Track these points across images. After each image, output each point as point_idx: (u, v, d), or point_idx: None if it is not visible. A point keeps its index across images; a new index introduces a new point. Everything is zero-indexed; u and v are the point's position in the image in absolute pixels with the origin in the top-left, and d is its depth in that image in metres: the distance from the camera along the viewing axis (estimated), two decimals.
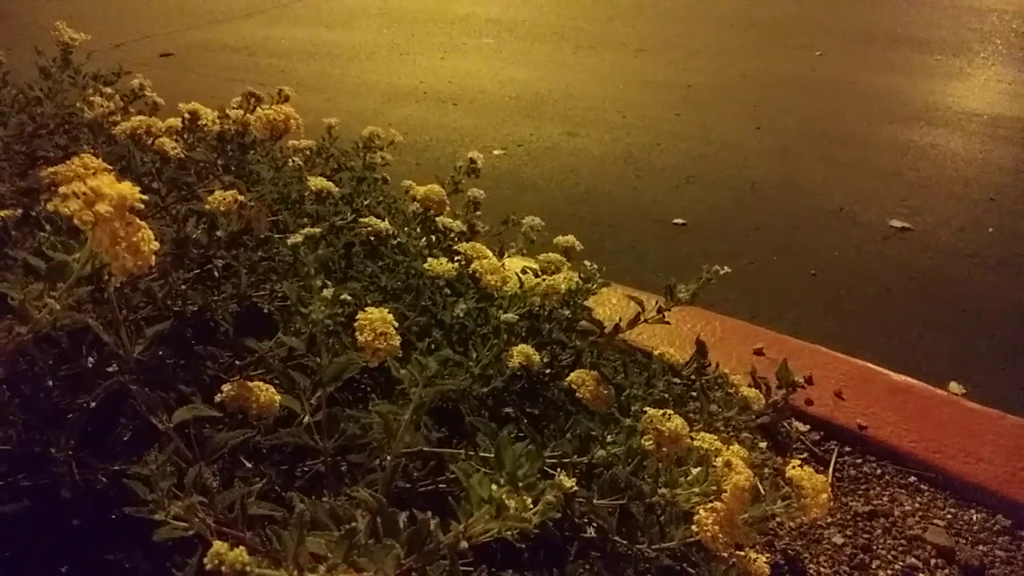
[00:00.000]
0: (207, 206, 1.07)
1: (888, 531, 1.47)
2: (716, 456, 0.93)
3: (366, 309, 0.91)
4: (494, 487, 0.57)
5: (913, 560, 1.40)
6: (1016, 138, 4.74)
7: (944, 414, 1.72)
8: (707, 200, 3.73)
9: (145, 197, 0.60)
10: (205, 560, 0.48)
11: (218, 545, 0.47)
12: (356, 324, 0.89)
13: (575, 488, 0.71)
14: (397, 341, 0.89)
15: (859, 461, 1.64)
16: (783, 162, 4.27)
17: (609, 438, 0.98)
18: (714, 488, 0.88)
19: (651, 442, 0.92)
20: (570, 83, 5.66)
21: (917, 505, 1.53)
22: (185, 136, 1.39)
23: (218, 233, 1.10)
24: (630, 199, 3.72)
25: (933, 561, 1.41)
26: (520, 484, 0.57)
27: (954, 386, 2.17)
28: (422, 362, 0.79)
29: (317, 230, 0.97)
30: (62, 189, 0.56)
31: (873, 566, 1.39)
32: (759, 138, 4.66)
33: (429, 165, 3.88)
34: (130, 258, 0.58)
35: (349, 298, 0.92)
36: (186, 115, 1.39)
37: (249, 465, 1.01)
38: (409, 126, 4.56)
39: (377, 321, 0.89)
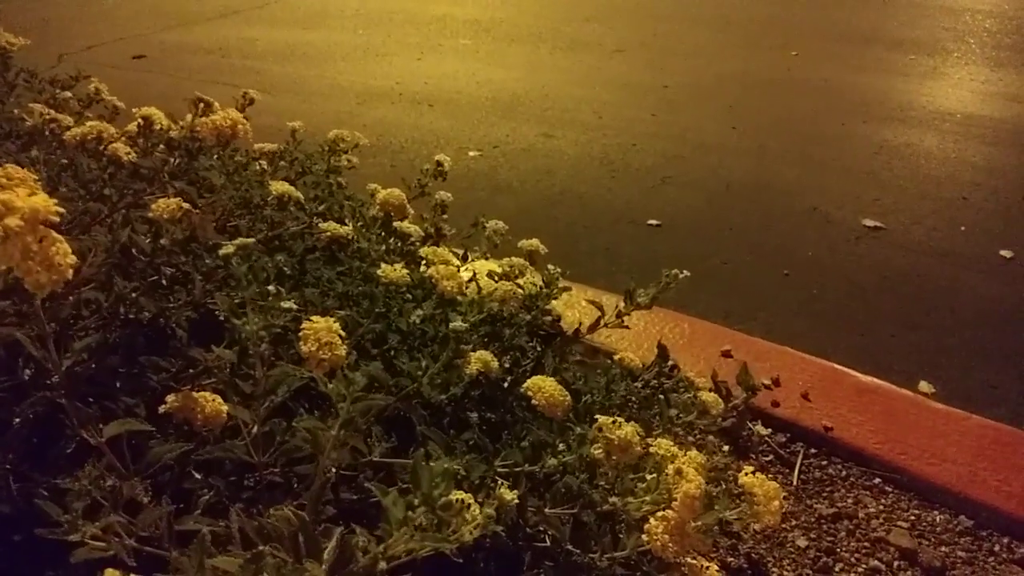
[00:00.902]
0: (151, 214, 1.05)
1: (852, 533, 1.46)
2: (670, 463, 0.92)
3: (312, 318, 0.89)
4: (410, 509, 0.56)
5: (876, 563, 1.40)
6: (988, 137, 4.78)
7: (910, 415, 1.73)
8: (682, 201, 3.74)
9: (62, 210, 0.58)
10: None
11: (109, 572, 0.46)
12: (300, 334, 0.87)
13: (515, 501, 0.70)
14: (343, 351, 0.87)
15: (824, 463, 1.63)
16: (758, 162, 4.28)
17: (561, 446, 0.97)
18: (665, 496, 0.87)
19: (601, 450, 0.91)
20: (547, 84, 5.66)
21: (881, 507, 1.52)
22: (139, 142, 1.36)
23: (162, 241, 1.08)
24: (605, 200, 3.72)
25: (896, 563, 1.40)
26: (436, 505, 0.56)
27: (924, 385, 2.17)
28: (350, 376, 0.78)
29: (251, 240, 0.95)
30: None
31: (836, 569, 1.39)
32: (735, 138, 4.68)
33: (404, 167, 3.86)
34: (44, 273, 0.56)
35: (293, 306, 0.91)
36: (140, 120, 1.36)
37: (198, 476, 0.99)
38: (384, 128, 4.54)
39: (322, 331, 0.87)
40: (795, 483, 1.58)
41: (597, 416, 0.93)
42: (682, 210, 3.62)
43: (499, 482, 0.70)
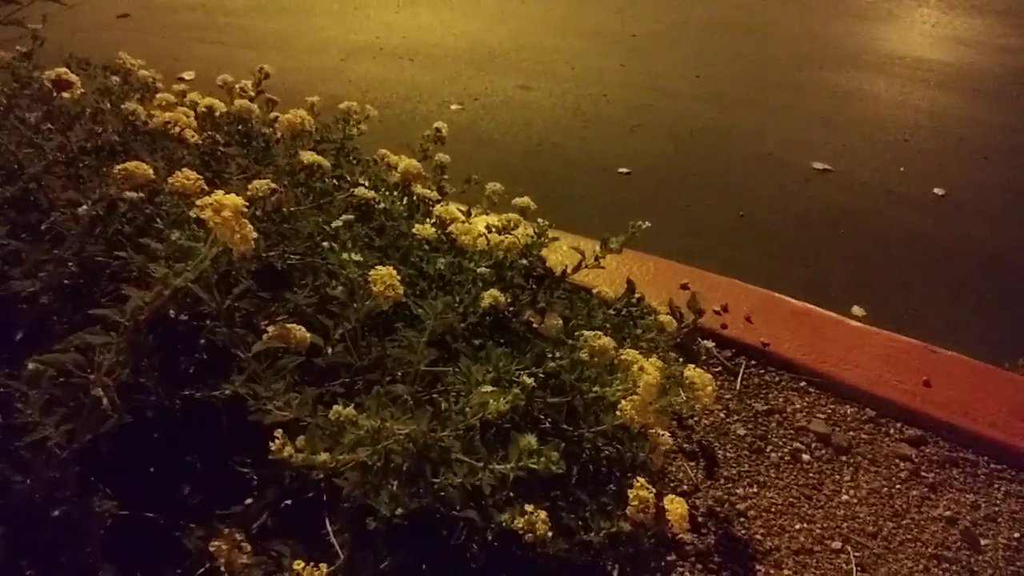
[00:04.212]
0: (249, 192, 1.38)
1: (781, 424, 1.85)
2: (635, 364, 1.29)
3: (375, 268, 1.24)
4: (486, 375, 0.91)
5: (798, 444, 1.80)
6: (932, 80, 5.14)
7: (831, 332, 2.11)
8: (650, 148, 4.06)
9: (244, 204, 0.92)
10: (331, 414, 0.82)
11: (338, 408, 0.81)
12: (370, 278, 1.22)
13: (534, 385, 1.07)
14: (401, 290, 1.22)
15: (762, 372, 2.02)
16: (720, 109, 4.61)
17: (558, 354, 1.33)
18: (631, 386, 1.24)
19: (586, 353, 1.28)
20: (520, 34, 5.91)
21: (805, 403, 1.91)
22: (204, 125, 1.68)
23: (257, 212, 1.41)
24: (579, 150, 4.03)
25: (814, 445, 1.80)
26: (501, 374, 0.91)
27: (856, 309, 2.56)
28: (432, 303, 1.13)
29: (352, 216, 1.29)
30: (199, 202, 0.88)
31: (767, 450, 1.78)
32: (698, 86, 5.00)
33: (391, 122, 4.15)
34: (242, 244, 0.90)
35: (361, 259, 1.25)
36: (203, 108, 1.68)
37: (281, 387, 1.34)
38: (368, 83, 4.80)
39: (386, 276, 1.23)
40: (738, 387, 1.96)
41: (583, 332, 1.30)
42: (650, 157, 3.94)
43: (521, 375, 1.06)
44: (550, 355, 1.35)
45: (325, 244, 1.50)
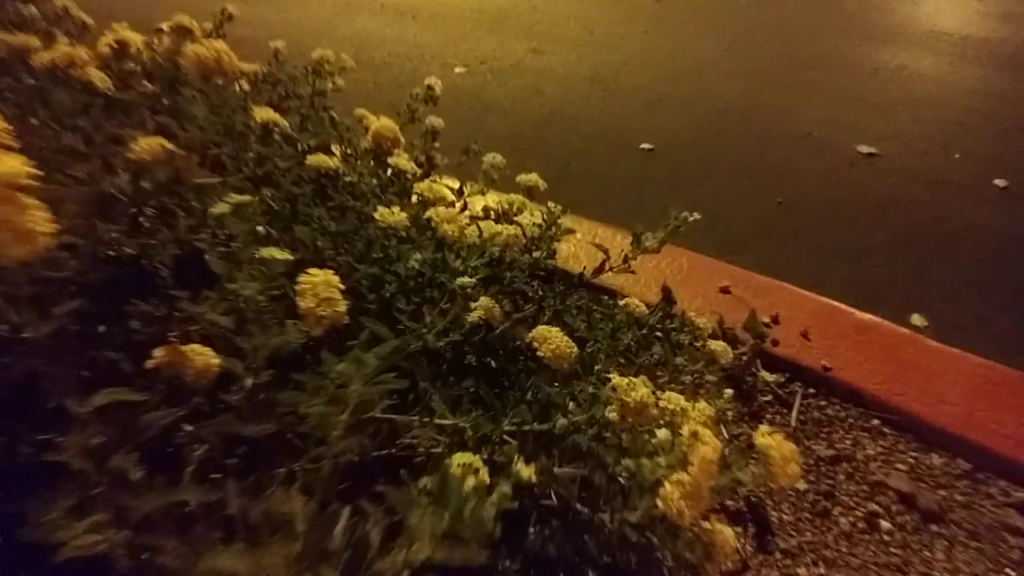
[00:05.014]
0: (130, 155, 0.97)
1: (851, 476, 1.45)
2: (682, 422, 0.89)
3: (309, 271, 0.83)
4: (437, 521, 0.52)
5: (875, 506, 1.40)
6: (984, 59, 4.68)
7: (907, 354, 1.70)
8: (675, 123, 3.64)
9: (39, 173, 0.52)
10: None
11: None
12: (297, 288, 0.82)
13: (534, 480, 0.67)
14: (343, 307, 0.82)
15: (823, 403, 1.61)
16: (752, 84, 4.17)
17: (571, 405, 0.93)
18: (680, 459, 0.83)
19: (615, 413, 0.87)
20: None
21: (880, 449, 1.51)
22: (113, 68, 1.27)
23: (144, 184, 1.00)
24: (597, 122, 3.61)
25: (894, 507, 1.40)
26: (466, 522, 0.52)
27: (916, 318, 2.15)
28: (361, 358, 0.73)
29: (247, 198, 0.88)
30: None
31: (835, 512, 1.38)
32: (728, 59, 4.55)
33: (388, 84, 3.72)
34: (16, 245, 0.50)
35: (289, 256, 0.84)
36: (113, 44, 1.26)
37: (190, 428, 0.94)
38: (365, 41, 4.37)
39: (320, 285, 0.82)
40: (794, 424, 1.57)
41: (610, 376, 0.89)
42: (675, 133, 3.53)
43: (516, 459, 0.66)
44: (556, 392, 0.95)
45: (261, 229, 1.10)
